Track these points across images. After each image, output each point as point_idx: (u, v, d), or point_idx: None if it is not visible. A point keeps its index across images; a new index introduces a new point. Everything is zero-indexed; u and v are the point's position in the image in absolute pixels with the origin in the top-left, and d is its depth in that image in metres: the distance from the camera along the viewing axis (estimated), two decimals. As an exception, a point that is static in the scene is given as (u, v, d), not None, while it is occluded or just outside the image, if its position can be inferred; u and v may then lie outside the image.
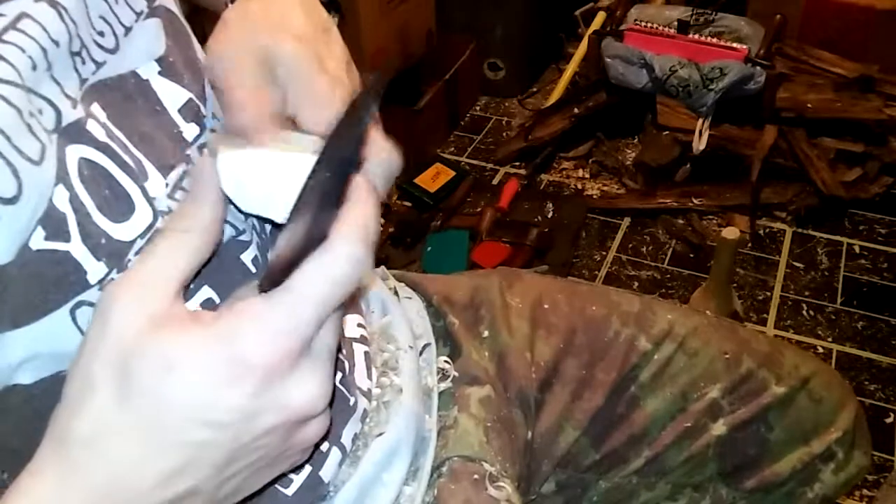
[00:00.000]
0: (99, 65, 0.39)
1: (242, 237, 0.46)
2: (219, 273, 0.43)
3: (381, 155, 0.39)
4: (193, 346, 0.31)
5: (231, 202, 0.38)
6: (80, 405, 0.31)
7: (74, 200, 0.35)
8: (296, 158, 0.36)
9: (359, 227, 0.33)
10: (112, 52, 0.39)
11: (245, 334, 0.31)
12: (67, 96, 0.36)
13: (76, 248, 0.35)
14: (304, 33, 0.42)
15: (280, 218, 0.36)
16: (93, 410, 0.31)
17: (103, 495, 0.31)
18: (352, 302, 0.57)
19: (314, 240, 0.32)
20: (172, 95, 0.43)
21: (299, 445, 0.35)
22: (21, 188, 0.32)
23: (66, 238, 0.35)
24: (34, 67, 0.34)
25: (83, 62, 0.37)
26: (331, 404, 0.35)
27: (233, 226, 0.44)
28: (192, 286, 0.42)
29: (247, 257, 0.45)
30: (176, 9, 0.46)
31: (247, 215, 0.43)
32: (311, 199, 0.32)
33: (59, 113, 0.35)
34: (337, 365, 0.40)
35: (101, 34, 0.39)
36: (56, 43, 0.35)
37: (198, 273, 0.36)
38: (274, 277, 0.32)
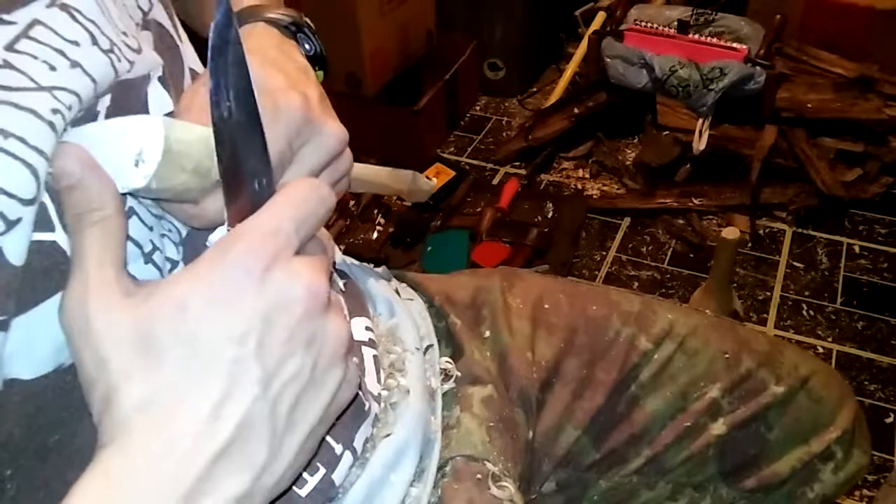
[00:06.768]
0: (132, 64, 0.39)
1: None
2: (194, 257, 0.43)
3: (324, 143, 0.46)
4: (191, 280, 0.33)
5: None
6: (111, 399, 0.32)
7: (50, 190, 0.35)
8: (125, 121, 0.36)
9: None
10: (138, 52, 0.40)
11: (233, 247, 0.33)
12: (98, 94, 0.36)
13: (61, 236, 0.35)
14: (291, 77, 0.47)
15: (140, 182, 0.36)
16: (130, 389, 0.32)
17: (162, 456, 0.31)
18: (359, 306, 0.57)
19: (259, 163, 0.36)
20: (161, 104, 0.43)
21: (327, 353, 0.35)
22: (40, 187, 0.32)
23: (51, 227, 0.34)
24: (53, 69, 0.34)
25: (119, 59, 0.37)
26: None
27: None
28: (170, 268, 0.42)
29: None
30: (168, 23, 0.46)
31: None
32: (226, 133, 0.35)
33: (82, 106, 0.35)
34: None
35: (125, 34, 0.39)
36: (75, 43, 0.35)
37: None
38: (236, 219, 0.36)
